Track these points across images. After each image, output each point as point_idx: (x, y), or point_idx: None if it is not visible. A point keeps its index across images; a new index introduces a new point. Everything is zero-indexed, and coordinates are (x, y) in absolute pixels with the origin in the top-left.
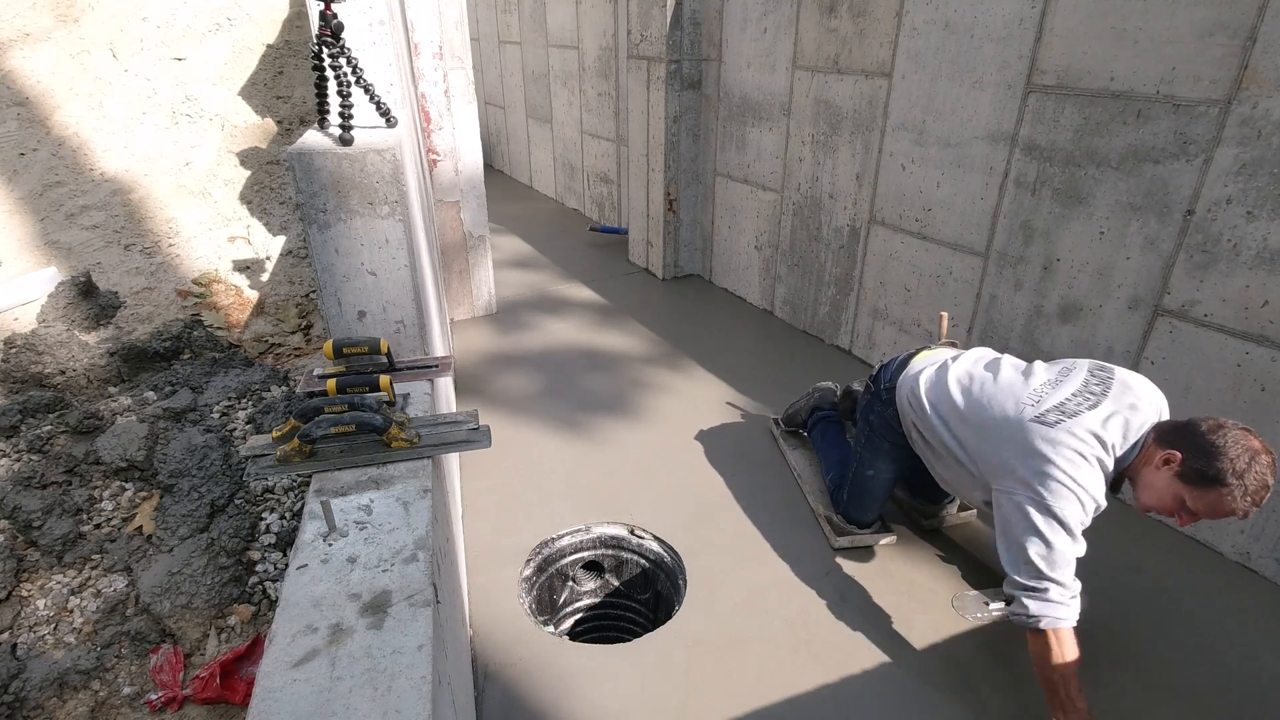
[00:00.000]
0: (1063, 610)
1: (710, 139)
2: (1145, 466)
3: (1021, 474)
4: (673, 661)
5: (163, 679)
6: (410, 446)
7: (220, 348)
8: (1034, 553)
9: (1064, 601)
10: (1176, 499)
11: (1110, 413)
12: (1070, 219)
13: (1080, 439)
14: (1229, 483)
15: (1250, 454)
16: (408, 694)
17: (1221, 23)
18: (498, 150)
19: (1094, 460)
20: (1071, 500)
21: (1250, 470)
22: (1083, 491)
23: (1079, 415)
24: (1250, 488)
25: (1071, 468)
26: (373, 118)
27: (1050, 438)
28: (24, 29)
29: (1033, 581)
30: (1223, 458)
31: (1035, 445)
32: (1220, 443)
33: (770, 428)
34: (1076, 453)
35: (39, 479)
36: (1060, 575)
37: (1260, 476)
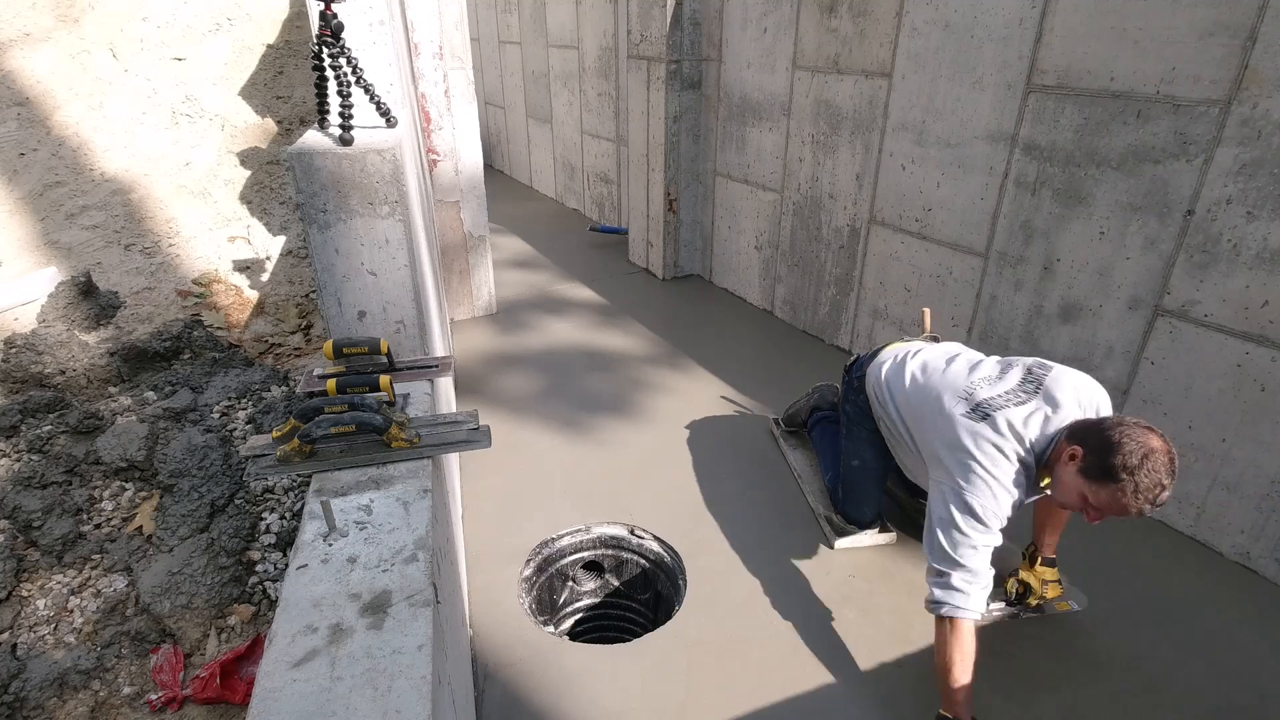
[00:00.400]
0: (963, 599)
1: (710, 139)
2: (1057, 463)
3: (947, 464)
4: (673, 661)
5: (163, 679)
6: (410, 446)
7: (220, 348)
8: (945, 541)
9: (966, 590)
10: (1080, 494)
11: (1033, 410)
12: (1070, 219)
13: (1000, 434)
14: (1121, 479)
15: (1144, 451)
16: (408, 694)
17: (1221, 23)
18: (498, 150)
19: (1013, 455)
20: (987, 493)
21: (1142, 467)
22: (998, 485)
23: (1004, 410)
24: (1142, 485)
25: (990, 462)
26: (373, 118)
27: (974, 431)
28: (24, 29)
29: (940, 566)
30: (1117, 453)
31: (960, 438)
32: (1116, 438)
33: (770, 428)
34: (995, 448)
35: (39, 479)
36: (969, 563)
37: (1153, 474)
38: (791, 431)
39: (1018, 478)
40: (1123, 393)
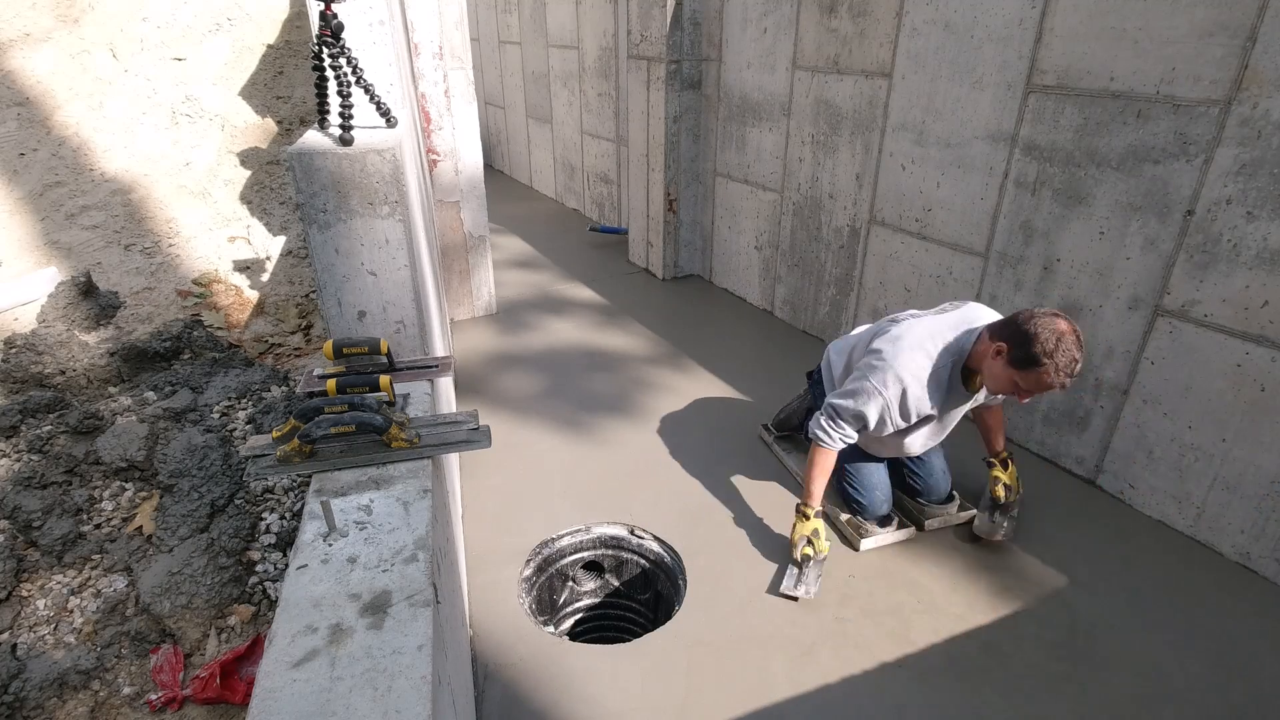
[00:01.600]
0: (828, 440)
1: (710, 139)
2: (984, 359)
3: (869, 350)
4: (673, 661)
5: (163, 679)
6: (410, 446)
7: (220, 348)
8: (840, 401)
9: (832, 434)
10: (1010, 382)
11: (948, 320)
12: (1070, 219)
13: (916, 334)
14: (1043, 362)
15: (1057, 335)
16: (408, 694)
17: (1221, 23)
18: (498, 150)
19: (923, 353)
20: (882, 379)
21: (1059, 349)
22: (891, 377)
23: (922, 318)
24: (1060, 364)
25: (898, 356)
26: (373, 118)
27: (895, 333)
28: (24, 29)
29: (825, 414)
30: (1035, 342)
31: (883, 334)
32: (1032, 330)
33: (760, 434)
34: (908, 345)
35: (39, 479)
36: (844, 421)
37: (1068, 353)
38: (783, 436)
39: (921, 368)
40: (1123, 392)
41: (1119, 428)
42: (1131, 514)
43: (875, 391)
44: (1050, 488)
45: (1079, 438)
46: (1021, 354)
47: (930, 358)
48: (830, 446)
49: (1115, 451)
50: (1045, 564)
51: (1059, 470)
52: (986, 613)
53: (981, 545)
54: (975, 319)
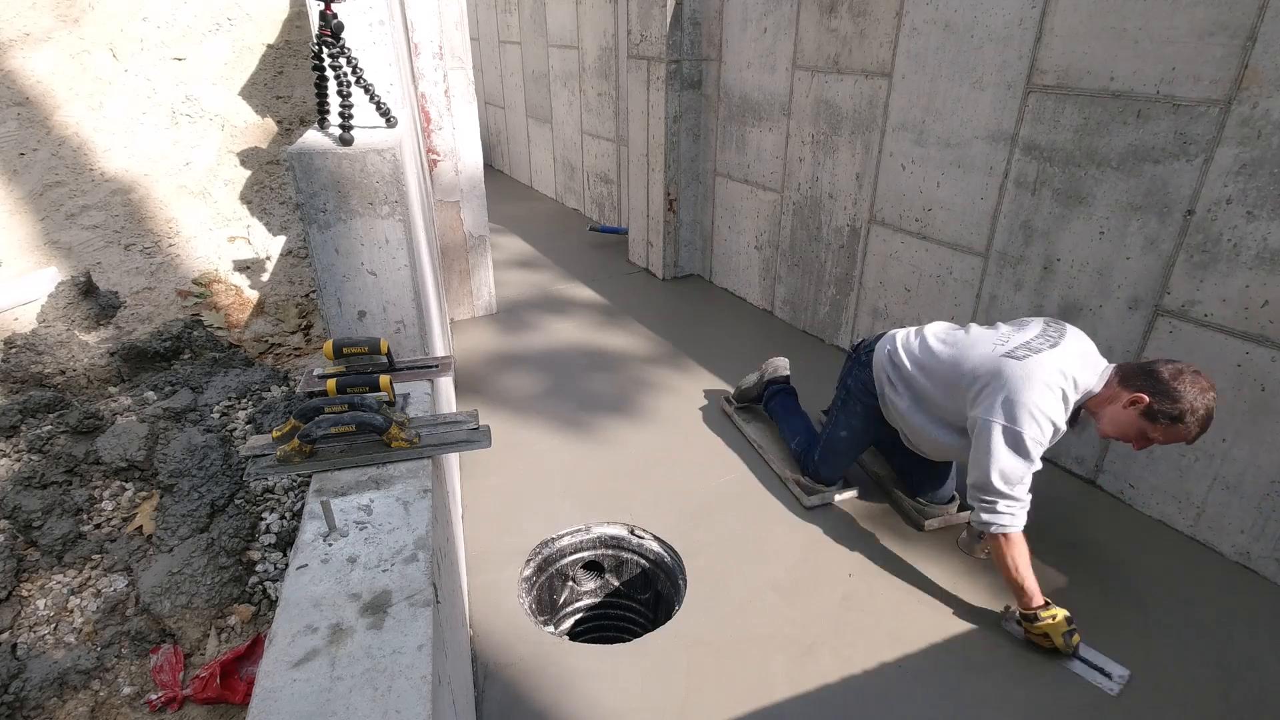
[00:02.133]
0: (1009, 520)
1: (710, 139)
2: (1110, 404)
3: (996, 401)
4: (673, 661)
5: (163, 679)
6: (410, 446)
7: (220, 348)
8: (995, 472)
9: (1013, 513)
10: (1140, 432)
11: (1071, 352)
12: (1070, 219)
13: (1048, 371)
14: (1188, 421)
15: (1205, 398)
16: (408, 694)
17: (1221, 23)
18: (498, 150)
19: (1058, 391)
20: (1034, 427)
21: (1201, 411)
22: (1045, 419)
23: (1044, 352)
24: (1197, 425)
25: (1039, 398)
26: (373, 118)
27: (1023, 371)
28: (24, 29)
29: (989, 498)
30: (1183, 400)
31: (1008, 377)
32: (1181, 389)
33: (723, 405)
34: (1045, 384)
35: (39, 479)
36: (1015, 492)
37: (1209, 411)
38: (742, 408)
39: (1060, 412)
40: None
41: None
42: (1131, 514)
43: (1040, 445)
44: (1050, 488)
45: (1079, 438)
46: (1166, 410)
47: (1065, 398)
48: (1017, 527)
49: (1115, 451)
50: (1045, 564)
51: (1059, 470)
52: (986, 613)
53: None
54: (1095, 357)
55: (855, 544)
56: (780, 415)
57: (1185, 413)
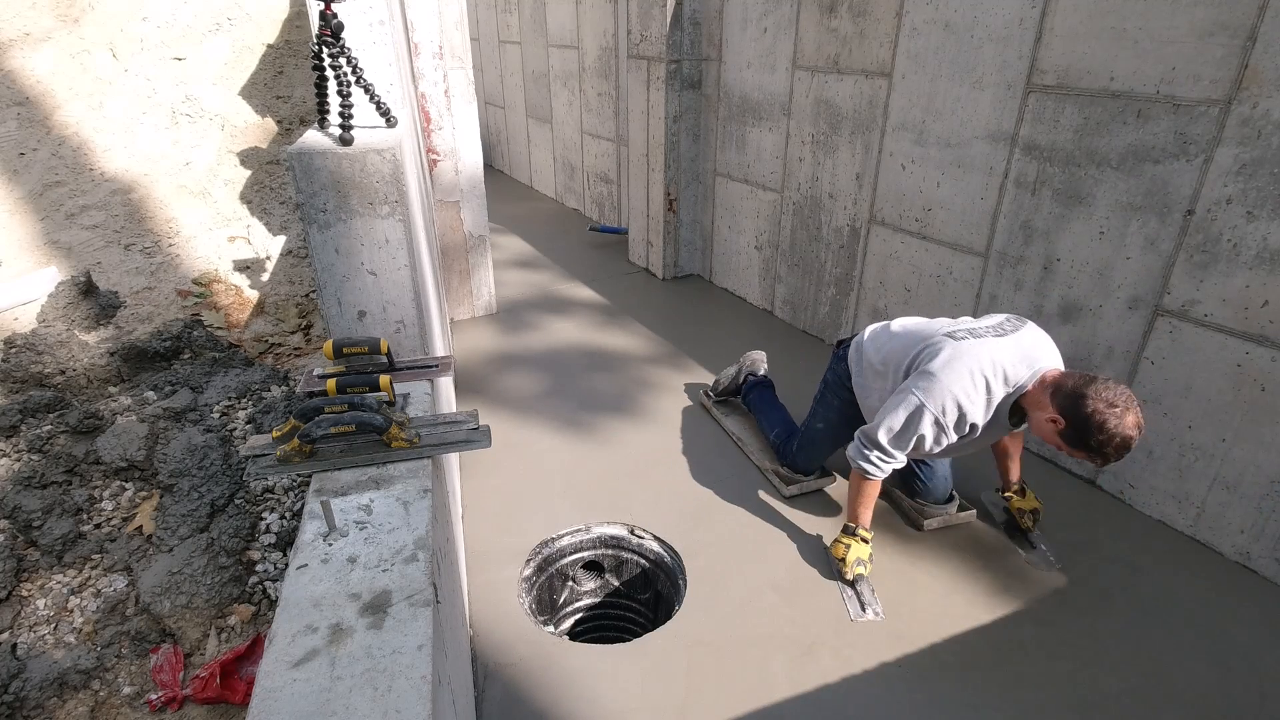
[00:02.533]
0: (876, 471)
1: (710, 139)
2: (1037, 410)
3: (921, 369)
4: (673, 661)
5: (163, 679)
6: (410, 446)
7: (220, 348)
8: (885, 429)
9: (881, 466)
10: (1055, 443)
11: (1010, 347)
12: (1070, 219)
13: (976, 358)
14: (1102, 451)
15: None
16: (408, 694)
17: (1221, 23)
18: (498, 150)
19: (980, 379)
20: (937, 406)
21: (1117, 442)
22: (952, 403)
23: (984, 339)
24: (1113, 455)
25: (957, 381)
26: (373, 118)
27: (955, 351)
28: (24, 29)
29: (868, 448)
30: (1098, 434)
31: (940, 351)
32: (1098, 420)
33: (701, 399)
34: (968, 370)
35: (39, 479)
36: (894, 452)
37: (1122, 449)
38: (720, 401)
39: (976, 400)
40: None
41: None
42: (1131, 514)
43: (933, 419)
44: (1050, 488)
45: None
46: (1077, 436)
47: (988, 388)
48: (878, 477)
49: None
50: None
51: (1059, 470)
52: (986, 613)
53: (982, 545)
54: (1038, 355)
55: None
56: (759, 408)
57: (1101, 444)
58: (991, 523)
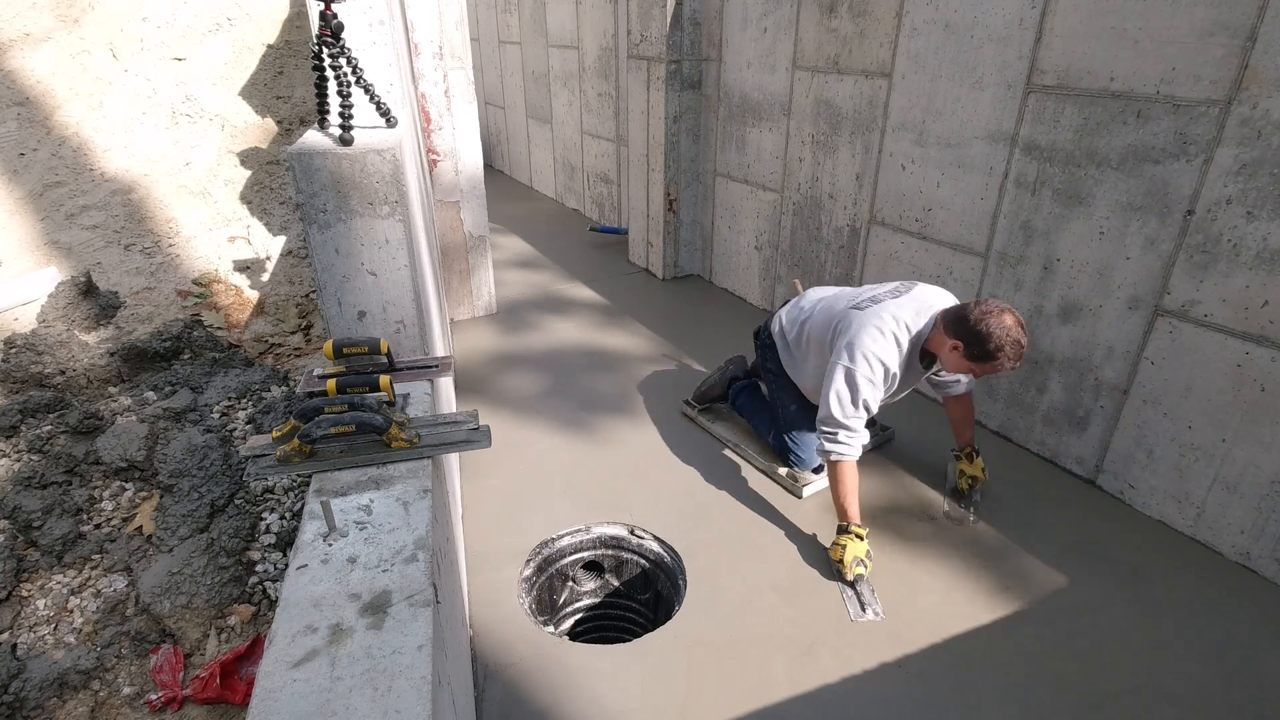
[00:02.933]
0: (846, 450)
1: (710, 139)
2: (940, 349)
3: (840, 346)
4: (673, 661)
5: (163, 679)
6: (410, 446)
7: (220, 348)
8: (834, 404)
9: (849, 443)
10: (968, 369)
11: (907, 302)
12: (1070, 219)
13: (882, 319)
14: (998, 357)
15: (1005, 330)
16: (408, 694)
17: (1221, 23)
18: (498, 150)
19: (890, 335)
20: (866, 366)
21: (1008, 343)
22: (875, 359)
23: (884, 302)
24: (1010, 354)
25: (871, 341)
26: (373, 118)
27: (861, 319)
28: (24, 29)
29: (829, 429)
30: (989, 340)
31: (850, 323)
32: (984, 330)
33: (683, 409)
34: (877, 329)
35: (39, 479)
36: (850, 423)
37: (1016, 345)
38: (704, 409)
39: (895, 349)
40: (1123, 392)
41: (1119, 428)
42: (1131, 514)
43: (866, 379)
44: (1050, 488)
45: (1079, 438)
46: (977, 350)
47: (899, 343)
48: (853, 456)
49: (1115, 451)
50: (1045, 564)
51: (1059, 470)
52: (986, 613)
53: (983, 545)
54: (930, 303)
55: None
56: (749, 412)
57: (994, 350)
58: (991, 523)
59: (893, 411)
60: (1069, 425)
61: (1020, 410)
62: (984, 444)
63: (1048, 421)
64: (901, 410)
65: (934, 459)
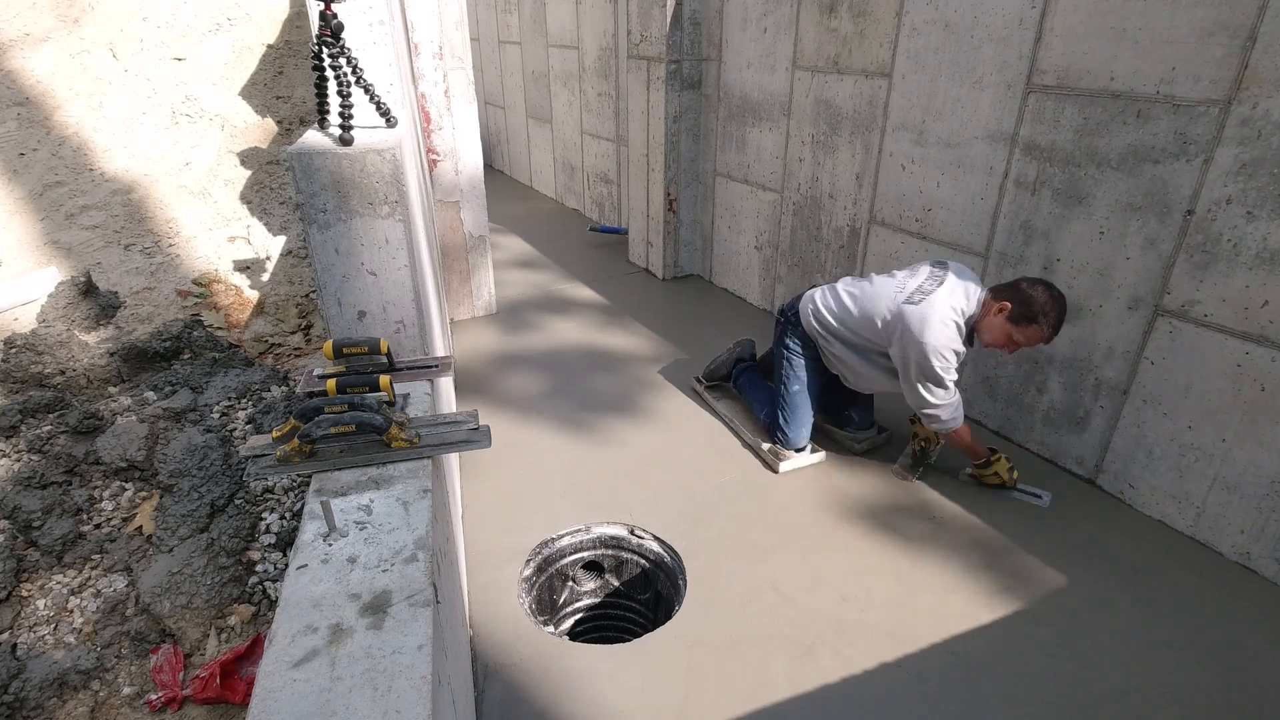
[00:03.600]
0: (953, 421)
1: (710, 139)
2: (985, 317)
3: (908, 344)
4: (673, 661)
5: (163, 679)
6: (410, 446)
7: (220, 348)
8: (924, 395)
9: (954, 415)
10: (1006, 335)
11: (955, 288)
12: (1070, 219)
13: (941, 310)
14: (1040, 321)
15: (1051, 298)
16: (408, 694)
17: (1221, 23)
18: (498, 150)
19: (951, 325)
20: (940, 359)
21: (1052, 309)
22: (948, 350)
23: (935, 293)
24: (1052, 320)
25: (938, 336)
26: (373, 118)
27: (921, 315)
28: (24, 29)
29: (930, 412)
30: (1035, 304)
31: (910, 321)
32: (1031, 294)
33: (693, 384)
34: (940, 322)
35: (39, 479)
36: (948, 400)
37: (1058, 314)
38: (712, 386)
39: (957, 335)
40: (1123, 392)
41: (1119, 428)
42: (1131, 514)
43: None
44: (1050, 488)
45: (1079, 438)
46: (1022, 312)
47: (960, 330)
48: (958, 423)
49: (1115, 451)
50: (1045, 564)
51: (1059, 470)
52: (986, 613)
53: (981, 545)
54: (970, 285)
55: (855, 543)
56: (748, 390)
57: (1038, 314)
58: (991, 522)
59: (894, 411)
60: (1069, 425)
61: (1020, 410)
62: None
63: (1048, 421)
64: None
65: (934, 460)
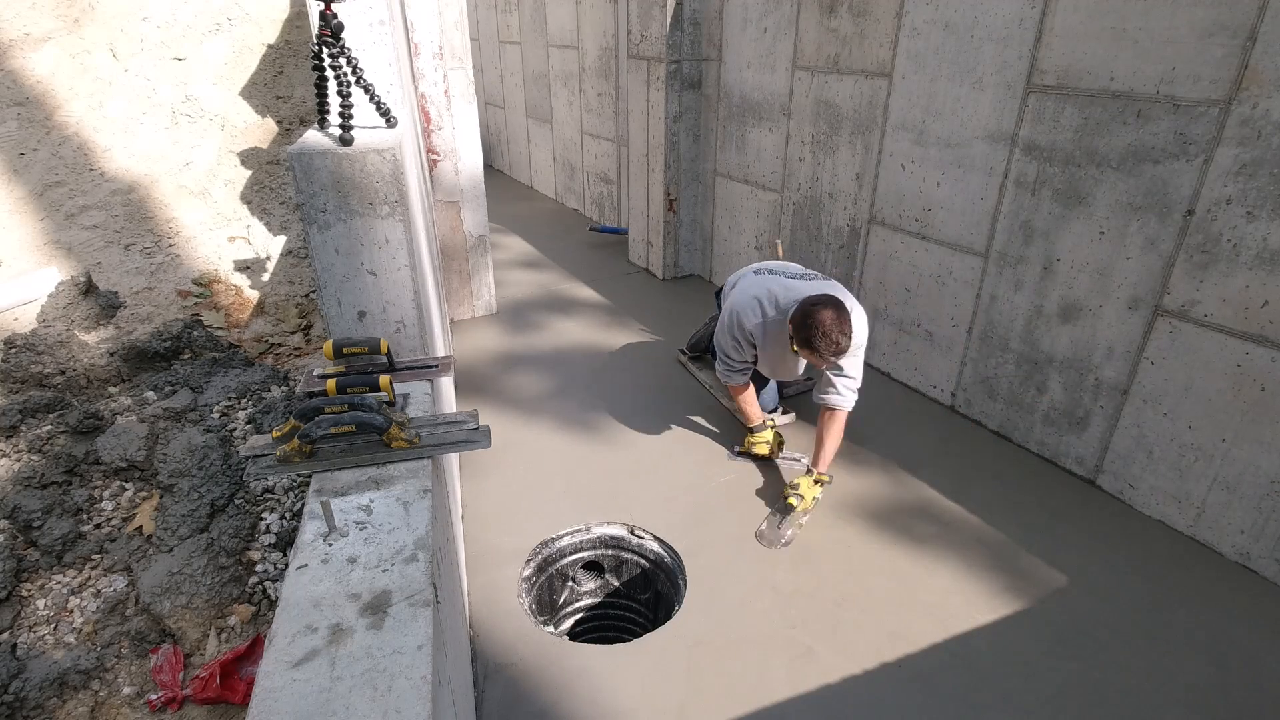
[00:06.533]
0: (731, 377)
1: (710, 139)
2: None
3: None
4: (673, 661)
5: (163, 679)
6: (410, 446)
7: (220, 348)
8: (718, 349)
9: (728, 375)
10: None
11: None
12: (1070, 219)
13: (759, 290)
14: (814, 344)
15: (821, 328)
16: (408, 694)
17: (1221, 23)
18: (498, 150)
19: (757, 305)
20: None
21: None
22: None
23: (775, 275)
24: (822, 349)
25: (738, 300)
26: (373, 118)
27: (748, 284)
28: (24, 29)
29: (720, 365)
30: (805, 330)
31: (740, 284)
32: (806, 322)
33: (678, 357)
34: (754, 297)
35: (39, 479)
36: (733, 358)
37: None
38: (695, 357)
39: (754, 318)
40: (1123, 392)
41: (1119, 428)
42: (1131, 514)
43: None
44: (1050, 488)
45: (1079, 438)
46: (802, 338)
47: (763, 313)
48: (734, 380)
49: (1115, 451)
50: (1045, 564)
51: (1059, 470)
52: (986, 613)
53: (981, 545)
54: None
55: (855, 542)
56: None
57: (809, 339)
58: (991, 522)
59: (893, 411)
60: (1069, 425)
61: (1020, 410)
62: (984, 444)
63: (1048, 421)
64: (902, 411)
65: (934, 460)
